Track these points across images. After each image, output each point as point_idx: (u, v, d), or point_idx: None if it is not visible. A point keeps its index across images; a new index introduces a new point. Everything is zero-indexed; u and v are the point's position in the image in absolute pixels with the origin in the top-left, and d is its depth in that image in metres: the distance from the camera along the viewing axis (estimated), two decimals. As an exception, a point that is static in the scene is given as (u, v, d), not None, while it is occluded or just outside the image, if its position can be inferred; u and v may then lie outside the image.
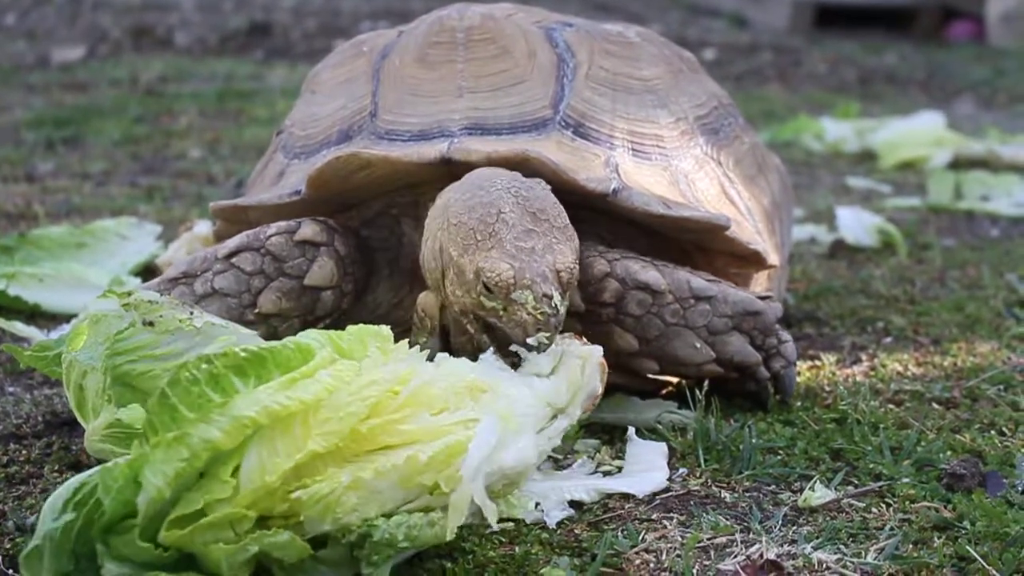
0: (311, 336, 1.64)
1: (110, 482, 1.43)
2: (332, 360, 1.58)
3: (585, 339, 1.87)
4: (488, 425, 1.59)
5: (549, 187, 1.98)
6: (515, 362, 1.80)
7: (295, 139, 2.37)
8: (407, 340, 1.72)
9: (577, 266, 1.90)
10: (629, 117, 2.25)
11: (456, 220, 1.91)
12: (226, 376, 1.53)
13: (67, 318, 2.53)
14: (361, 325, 1.70)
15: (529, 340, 1.79)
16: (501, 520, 1.70)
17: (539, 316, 1.79)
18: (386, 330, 1.69)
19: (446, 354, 1.78)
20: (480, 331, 1.91)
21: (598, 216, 2.17)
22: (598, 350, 1.83)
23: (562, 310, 1.82)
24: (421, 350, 2.05)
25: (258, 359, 1.56)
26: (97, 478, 1.44)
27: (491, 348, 1.86)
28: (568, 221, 1.94)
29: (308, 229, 2.11)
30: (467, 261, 1.86)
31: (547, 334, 1.79)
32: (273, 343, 1.61)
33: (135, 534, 1.41)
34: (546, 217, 1.90)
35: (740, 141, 2.47)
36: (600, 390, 1.82)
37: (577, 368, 1.80)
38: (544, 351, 1.80)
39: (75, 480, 1.46)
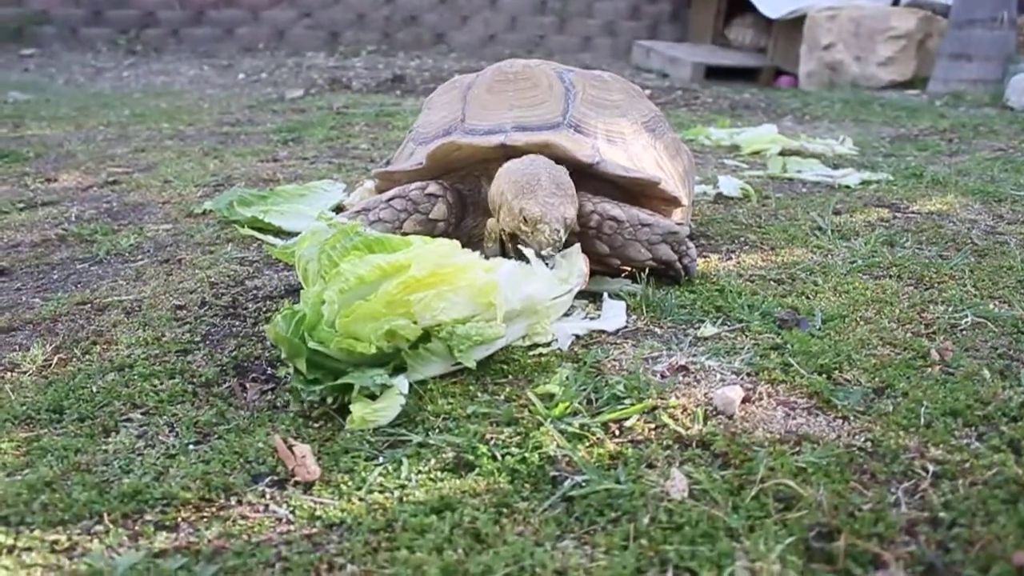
0: (411, 237, 1.63)
1: (307, 300, 1.45)
2: (422, 245, 1.57)
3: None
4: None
5: (567, 170, 1.91)
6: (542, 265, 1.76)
7: (419, 134, 2.30)
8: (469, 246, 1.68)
9: (575, 216, 1.84)
10: (605, 122, 2.16)
11: (514, 178, 1.85)
12: (362, 248, 1.54)
13: (296, 233, 2.50)
14: (441, 238, 1.67)
15: (543, 252, 1.75)
16: (534, 345, 1.68)
17: (551, 240, 1.74)
18: (455, 242, 1.65)
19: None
20: (515, 243, 1.86)
21: (588, 177, 2.10)
22: (578, 246, 1.80)
23: (564, 238, 1.77)
24: (488, 251, 2.03)
25: (379, 241, 1.56)
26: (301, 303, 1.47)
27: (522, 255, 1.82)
28: (575, 191, 1.88)
29: (432, 187, 2.06)
30: (516, 202, 1.81)
31: (553, 251, 1.76)
32: (390, 235, 1.61)
33: (323, 325, 1.42)
34: (563, 187, 1.84)
35: (666, 136, 2.37)
36: (586, 270, 1.78)
37: (571, 258, 1.76)
38: (551, 258, 1.77)
39: (292, 305, 1.49)
